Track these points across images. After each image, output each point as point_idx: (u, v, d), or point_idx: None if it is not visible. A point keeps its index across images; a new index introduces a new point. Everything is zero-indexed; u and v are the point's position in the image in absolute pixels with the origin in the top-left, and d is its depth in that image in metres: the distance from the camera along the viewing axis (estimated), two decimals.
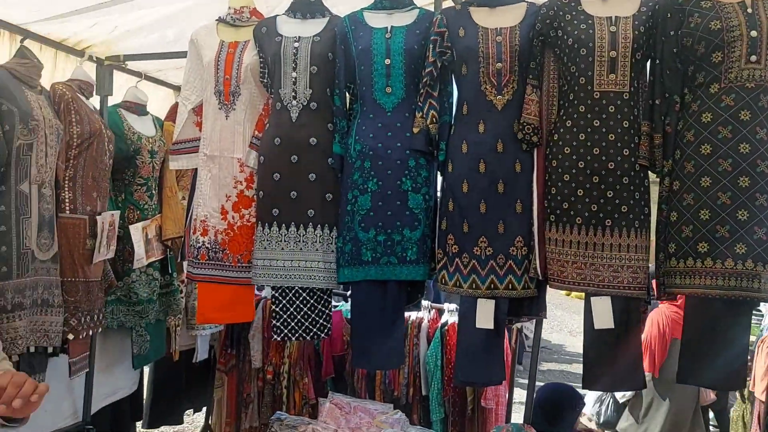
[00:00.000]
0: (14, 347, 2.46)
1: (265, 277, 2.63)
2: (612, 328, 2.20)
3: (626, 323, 2.22)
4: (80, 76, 3.01)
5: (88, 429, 3.14)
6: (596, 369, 2.27)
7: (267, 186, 2.66)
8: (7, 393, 1.31)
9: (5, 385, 1.32)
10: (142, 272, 3.29)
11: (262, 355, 3.81)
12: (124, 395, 3.54)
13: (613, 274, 2.21)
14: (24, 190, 2.56)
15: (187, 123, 2.93)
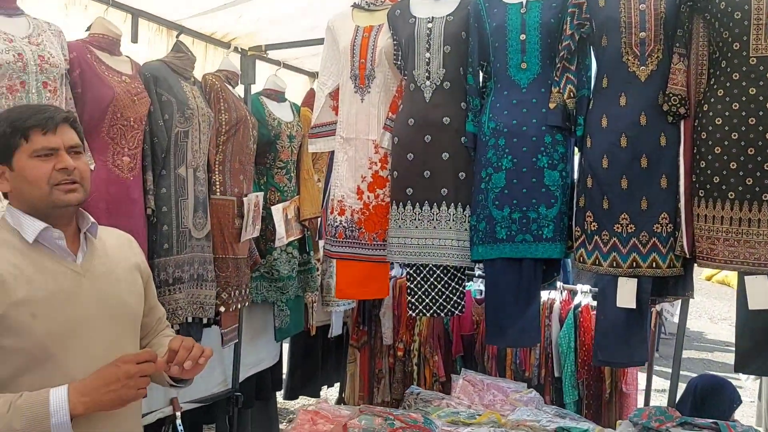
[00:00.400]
0: (175, 317, 2.70)
1: (399, 254, 2.71)
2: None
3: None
4: (227, 66, 3.22)
5: (236, 395, 3.38)
6: (750, 352, 2.14)
7: (401, 166, 2.72)
8: (179, 355, 1.43)
9: (177, 348, 1.45)
10: (282, 251, 3.48)
11: (392, 333, 3.91)
12: (266, 366, 3.77)
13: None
14: (181, 174, 2.79)
15: (324, 107, 3.06)
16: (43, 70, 2.26)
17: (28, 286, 1.39)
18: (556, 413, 2.47)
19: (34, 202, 1.47)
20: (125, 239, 1.76)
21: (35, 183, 1.45)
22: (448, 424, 2.28)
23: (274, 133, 3.44)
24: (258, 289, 3.37)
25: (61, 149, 1.48)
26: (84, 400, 1.31)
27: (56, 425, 1.26)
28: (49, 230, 1.47)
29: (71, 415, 1.29)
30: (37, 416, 1.25)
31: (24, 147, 1.45)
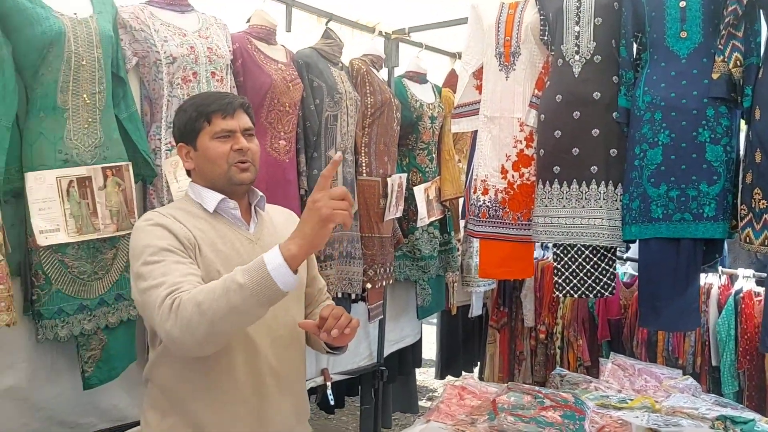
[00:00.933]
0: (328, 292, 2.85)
1: (546, 234, 2.66)
2: None
3: None
4: (372, 50, 3.32)
5: (381, 369, 3.51)
6: None
7: (548, 144, 2.67)
8: (328, 323, 1.52)
9: (327, 315, 1.53)
10: (424, 230, 3.55)
11: (534, 315, 3.87)
12: (408, 343, 3.88)
13: None
14: (331, 156, 2.92)
15: (468, 87, 3.06)
16: (212, 61, 2.46)
17: (213, 248, 1.55)
18: (716, 402, 2.33)
19: (214, 179, 1.62)
20: (288, 214, 1.90)
21: (215, 161, 1.60)
22: (597, 407, 2.23)
23: (416, 115, 3.49)
24: (401, 268, 3.47)
25: (237, 132, 1.62)
26: (293, 241, 1.34)
27: (273, 269, 1.31)
28: (226, 201, 1.62)
29: (285, 257, 1.32)
30: (254, 267, 1.32)
31: (206, 129, 1.60)
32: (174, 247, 1.48)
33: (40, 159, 1.98)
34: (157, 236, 1.49)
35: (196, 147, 1.63)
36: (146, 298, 1.41)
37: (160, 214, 1.57)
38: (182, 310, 1.33)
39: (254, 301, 1.31)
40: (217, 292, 1.32)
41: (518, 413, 1.85)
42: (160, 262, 1.43)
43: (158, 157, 2.33)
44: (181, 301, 1.34)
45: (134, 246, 1.51)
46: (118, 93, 2.24)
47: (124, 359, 2.19)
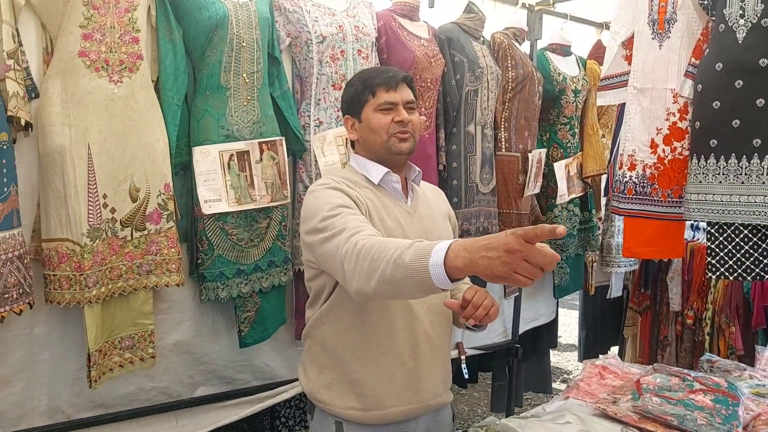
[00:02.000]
0: None
1: (699, 212, 2.51)
2: None
3: None
4: (514, 23, 3.26)
5: (516, 347, 3.50)
6: None
7: (705, 115, 2.49)
8: (467, 310, 1.54)
9: (471, 298, 1.55)
10: (563, 208, 3.46)
11: (681, 299, 3.66)
12: (543, 322, 3.82)
13: None
14: (470, 131, 2.93)
15: (616, 58, 2.92)
16: (358, 39, 2.54)
17: (379, 217, 1.64)
18: None
19: (375, 149, 1.70)
20: (437, 191, 1.96)
21: (377, 132, 1.68)
22: (752, 395, 2.09)
23: (559, 89, 3.40)
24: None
25: (399, 104, 1.68)
26: (463, 254, 1.23)
27: (432, 265, 1.25)
28: (389, 174, 1.70)
29: (447, 263, 1.24)
30: (422, 253, 1.27)
31: (371, 101, 1.68)
32: (350, 204, 1.56)
33: (205, 134, 2.17)
34: (333, 195, 1.57)
35: (360, 119, 1.71)
36: (328, 246, 1.47)
37: (333, 180, 1.66)
38: (362, 255, 1.35)
39: (410, 282, 1.29)
40: (387, 254, 1.31)
41: (665, 395, 1.79)
42: (338, 215, 1.50)
43: (307, 133, 2.46)
44: (364, 245, 1.37)
45: (310, 206, 1.59)
46: (272, 72, 2.39)
47: (275, 321, 2.36)
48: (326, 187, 1.61)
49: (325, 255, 1.50)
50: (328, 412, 1.66)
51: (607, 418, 1.81)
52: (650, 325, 3.85)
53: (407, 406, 1.66)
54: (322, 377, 1.68)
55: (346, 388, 1.64)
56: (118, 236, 1.94)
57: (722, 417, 1.71)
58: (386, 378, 1.63)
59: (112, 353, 1.96)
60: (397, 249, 1.31)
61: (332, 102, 2.48)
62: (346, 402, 1.63)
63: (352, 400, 1.63)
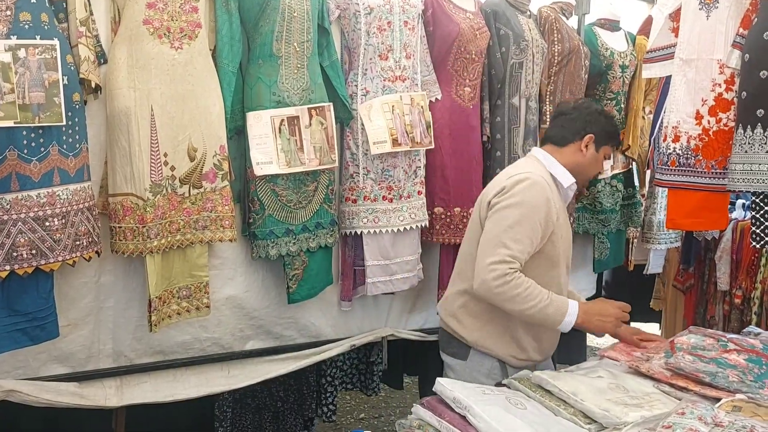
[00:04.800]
0: None
1: (743, 182, 2.49)
2: None
3: None
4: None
5: None
6: None
7: (752, 85, 2.47)
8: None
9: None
10: (606, 183, 3.47)
11: (729, 278, 3.62)
12: (586, 296, 3.82)
13: None
14: (514, 103, 2.97)
15: (663, 30, 2.91)
16: (405, 11, 2.62)
17: (557, 216, 2.05)
18: None
19: (579, 174, 2.17)
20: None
21: (594, 168, 2.22)
22: None
23: (606, 64, 3.39)
24: (580, 220, 3.44)
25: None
26: (583, 316, 1.99)
27: (565, 323, 1.97)
28: (573, 185, 2.15)
29: (576, 322, 1.97)
30: (560, 309, 1.96)
31: (608, 147, 2.22)
32: (541, 224, 1.98)
33: (258, 100, 2.29)
34: (538, 215, 1.98)
35: (597, 149, 2.16)
36: (495, 241, 1.95)
37: (544, 183, 2.04)
38: (512, 286, 1.90)
39: (542, 322, 2.00)
40: (536, 299, 1.92)
41: (698, 353, 1.82)
42: (524, 228, 1.96)
43: (354, 102, 2.56)
44: (515, 279, 1.90)
45: (524, 199, 1.97)
46: (322, 42, 2.49)
47: (322, 281, 2.48)
48: (541, 195, 2.00)
49: (492, 238, 1.96)
50: (490, 354, 2.11)
51: (639, 375, 1.86)
52: (695, 304, 3.82)
53: (547, 355, 2.23)
54: (483, 329, 2.10)
55: (508, 340, 2.09)
56: (177, 192, 2.08)
57: (754, 375, 1.74)
58: (538, 335, 2.12)
59: (171, 301, 2.11)
60: (542, 300, 1.92)
61: (378, 72, 2.57)
62: (509, 351, 2.10)
63: (514, 349, 2.10)
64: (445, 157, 2.76)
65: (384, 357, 2.83)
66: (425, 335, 2.90)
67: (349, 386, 3.14)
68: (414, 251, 2.67)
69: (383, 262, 2.58)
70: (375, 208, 2.57)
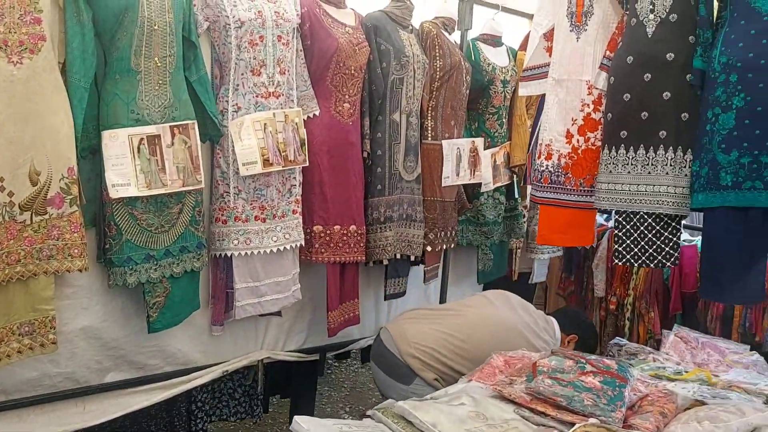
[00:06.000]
0: (385, 253, 2.92)
1: (608, 201, 2.59)
2: None
3: None
4: (444, 13, 3.29)
5: None
6: None
7: (616, 107, 2.57)
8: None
9: None
10: (489, 196, 3.54)
11: (605, 285, 3.78)
12: None
13: None
14: (395, 119, 2.96)
15: (538, 49, 2.99)
16: (278, 25, 2.53)
17: None
18: None
19: None
20: None
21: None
22: (650, 377, 2.19)
23: (488, 79, 3.45)
24: (464, 233, 3.48)
25: None
26: None
27: None
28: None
29: None
30: None
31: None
32: None
33: (114, 118, 2.14)
34: None
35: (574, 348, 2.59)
36: None
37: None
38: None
39: None
40: None
41: (557, 377, 1.86)
42: None
43: (225, 118, 2.45)
44: None
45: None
46: (189, 56, 2.36)
47: (187, 307, 2.36)
48: None
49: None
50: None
51: (502, 400, 1.88)
52: None
53: None
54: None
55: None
56: (16, 220, 1.90)
57: (608, 398, 1.79)
58: None
59: (10, 339, 1.92)
60: None
61: (251, 87, 2.47)
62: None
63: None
64: (324, 174, 2.71)
65: (260, 380, 2.73)
66: (305, 356, 2.83)
67: (225, 412, 3.00)
68: (287, 272, 2.59)
69: (253, 284, 2.48)
70: (246, 229, 2.47)
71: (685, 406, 1.88)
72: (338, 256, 2.74)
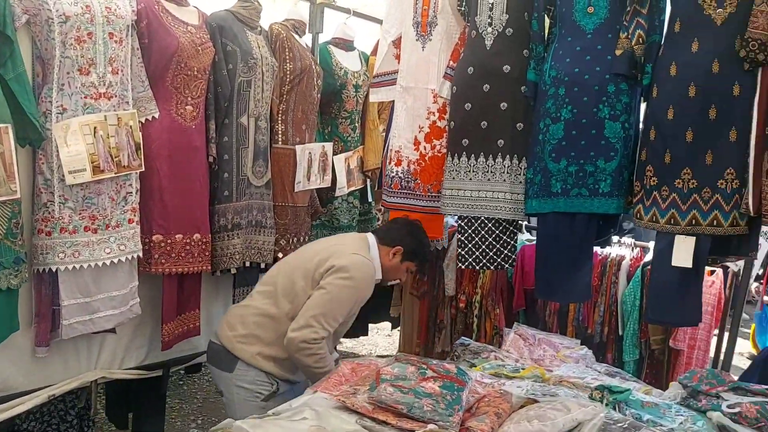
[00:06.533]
0: (232, 261, 2.82)
1: (452, 206, 2.68)
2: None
3: None
4: (294, 15, 3.23)
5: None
6: None
7: (458, 116, 2.67)
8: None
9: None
10: (343, 200, 3.54)
11: (455, 284, 3.91)
12: None
13: None
14: (243, 123, 2.86)
15: (387, 56, 3.03)
16: (110, 22, 2.35)
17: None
18: (607, 371, 2.41)
19: (384, 275, 2.51)
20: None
21: (394, 276, 2.62)
22: (490, 375, 2.28)
23: (340, 83, 3.45)
24: (318, 237, 3.45)
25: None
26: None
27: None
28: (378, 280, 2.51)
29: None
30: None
31: (413, 264, 2.56)
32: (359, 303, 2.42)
33: None
34: (364, 290, 2.39)
35: (402, 261, 2.51)
36: (317, 311, 2.28)
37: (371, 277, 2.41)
38: (314, 354, 2.27)
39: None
40: (324, 369, 2.27)
41: (399, 384, 1.88)
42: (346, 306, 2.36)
43: (49, 121, 2.24)
44: (321, 352, 2.28)
45: (357, 276, 2.33)
46: (4, 52, 2.13)
47: (3, 329, 2.13)
48: (371, 280, 2.40)
49: (311, 304, 2.30)
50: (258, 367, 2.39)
51: (346, 410, 1.87)
52: (428, 309, 4.06)
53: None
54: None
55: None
56: None
57: (446, 402, 1.83)
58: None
59: None
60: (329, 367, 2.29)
61: (78, 88, 2.28)
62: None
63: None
64: (164, 181, 2.55)
65: (93, 403, 2.53)
66: (146, 373, 2.66)
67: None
68: (123, 285, 2.42)
69: (83, 300, 2.29)
70: (75, 241, 2.27)
71: (519, 404, 1.97)
72: (180, 266, 2.60)
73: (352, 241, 2.50)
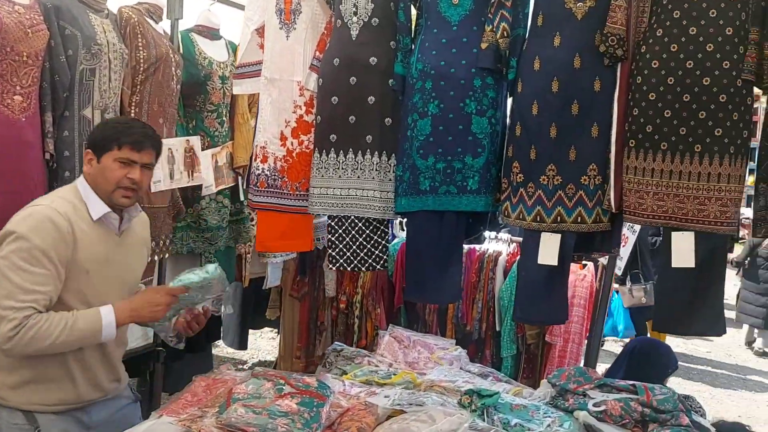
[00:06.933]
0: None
1: (321, 206, 2.54)
2: (692, 267, 1.92)
3: (709, 262, 1.94)
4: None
5: (158, 350, 3.21)
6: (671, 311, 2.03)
7: (325, 110, 2.52)
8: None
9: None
10: (212, 199, 3.29)
11: (336, 285, 3.78)
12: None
13: (698, 207, 1.92)
14: (87, 116, 2.56)
15: (251, 45, 2.83)
16: None
17: (89, 242, 1.85)
18: (480, 372, 2.36)
19: (100, 193, 1.88)
20: (144, 221, 2.14)
21: (108, 181, 1.86)
22: (360, 384, 2.16)
23: (205, 74, 3.20)
24: (184, 240, 3.20)
25: (137, 164, 1.88)
26: (129, 312, 1.83)
27: (106, 328, 1.78)
28: (110, 214, 1.90)
29: (117, 322, 1.80)
30: (92, 319, 1.76)
31: (114, 152, 1.86)
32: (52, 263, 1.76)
33: None
34: (42, 240, 1.75)
35: (99, 160, 1.88)
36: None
37: (60, 219, 1.79)
38: (25, 330, 1.68)
39: (84, 342, 1.80)
40: (59, 328, 1.71)
41: (251, 404, 1.71)
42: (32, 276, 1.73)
43: None
44: (28, 322, 1.68)
45: (20, 230, 1.74)
46: None
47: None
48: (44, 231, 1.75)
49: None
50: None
51: None
52: (309, 311, 3.91)
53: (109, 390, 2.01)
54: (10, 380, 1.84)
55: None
56: None
57: (303, 421, 1.69)
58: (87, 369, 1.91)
59: None
60: (67, 321, 1.73)
61: None
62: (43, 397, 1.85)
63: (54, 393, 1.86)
64: None
65: None
66: None
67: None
68: None
69: None
70: None
71: (386, 415, 1.87)
72: None
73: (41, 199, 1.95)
